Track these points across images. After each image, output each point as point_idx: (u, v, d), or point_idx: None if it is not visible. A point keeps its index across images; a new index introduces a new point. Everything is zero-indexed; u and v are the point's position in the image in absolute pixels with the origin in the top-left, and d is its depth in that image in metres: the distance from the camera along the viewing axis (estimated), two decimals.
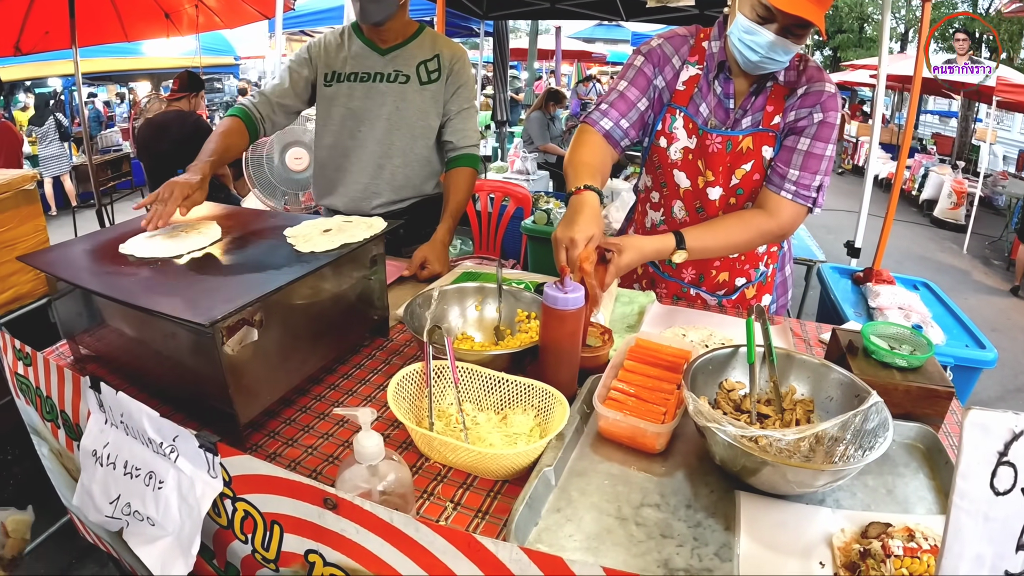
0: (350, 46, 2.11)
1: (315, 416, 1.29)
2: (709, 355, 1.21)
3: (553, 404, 1.14)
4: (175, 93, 5.00)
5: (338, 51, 2.11)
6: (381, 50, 2.10)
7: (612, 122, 1.67)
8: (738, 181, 1.67)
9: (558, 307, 1.15)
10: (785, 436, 1.04)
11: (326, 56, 2.11)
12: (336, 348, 1.43)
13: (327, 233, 1.40)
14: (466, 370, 1.23)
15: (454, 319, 1.51)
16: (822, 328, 1.76)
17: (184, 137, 4.91)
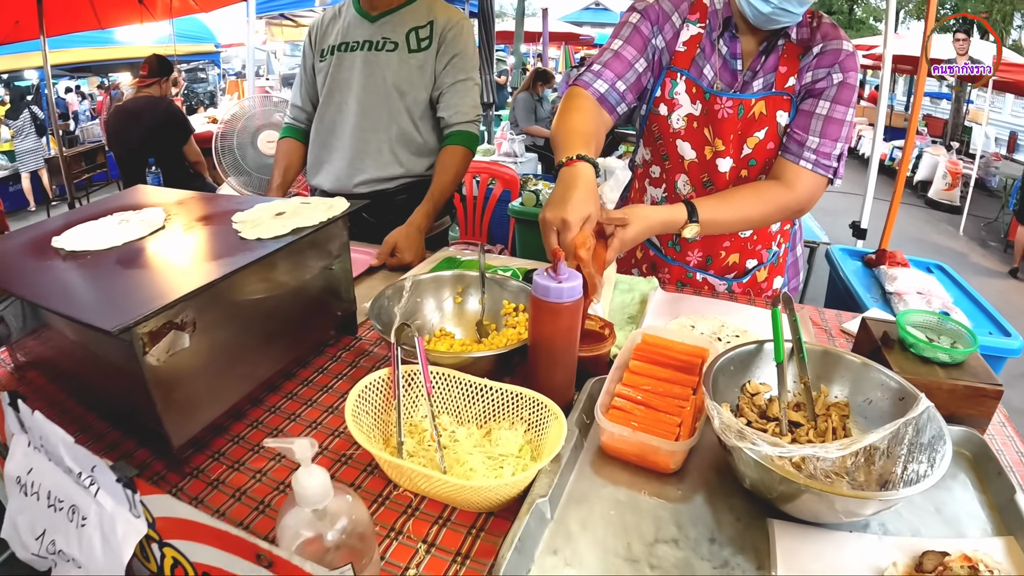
0: (345, 17, 1.99)
1: (268, 432, 1.10)
2: (730, 354, 1.02)
3: (546, 418, 0.94)
4: (145, 79, 4.77)
5: (332, 24, 2.00)
6: (371, 17, 1.94)
7: (607, 84, 1.47)
8: (750, 151, 1.48)
9: (550, 299, 0.96)
10: (828, 453, 0.85)
11: (321, 33, 2.02)
12: (293, 351, 1.24)
13: (279, 217, 1.20)
14: (442, 376, 1.04)
15: (430, 313, 1.32)
16: (843, 316, 1.59)
17: (156, 123, 4.69)
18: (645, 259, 1.76)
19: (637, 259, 1.78)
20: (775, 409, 1.03)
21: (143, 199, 1.42)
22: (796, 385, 1.06)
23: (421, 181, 1.97)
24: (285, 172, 2.07)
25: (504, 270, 1.63)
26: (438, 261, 1.73)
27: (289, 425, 1.12)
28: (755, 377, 1.07)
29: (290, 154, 2.09)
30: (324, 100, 1.98)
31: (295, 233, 1.13)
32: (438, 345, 1.25)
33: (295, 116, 2.12)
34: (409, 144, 1.97)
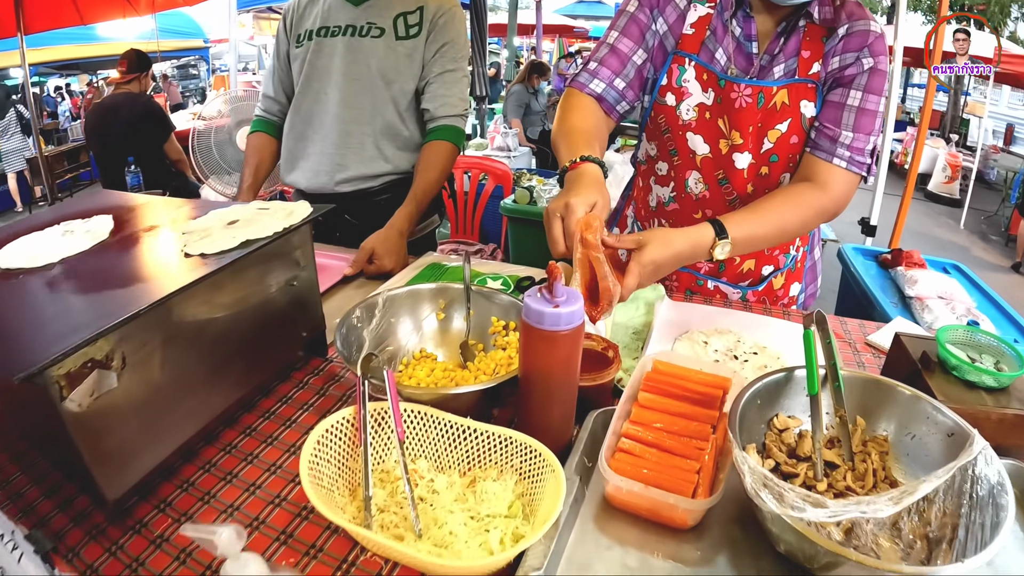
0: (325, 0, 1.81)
1: (222, 478, 0.95)
2: (756, 387, 0.87)
3: (541, 470, 0.79)
4: (124, 75, 4.61)
5: (310, 7, 1.84)
6: (355, 0, 1.77)
7: (604, 83, 1.36)
8: (771, 145, 1.32)
9: (544, 326, 0.80)
10: (880, 511, 0.71)
11: (298, 16, 1.85)
12: (252, 378, 1.08)
13: (231, 227, 1.04)
14: (418, 415, 0.89)
15: (406, 334, 1.16)
16: (867, 327, 1.44)
17: (135, 120, 4.54)
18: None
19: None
20: (806, 447, 0.89)
21: (96, 204, 1.26)
22: (830, 417, 0.91)
23: (407, 179, 1.81)
24: (256, 171, 1.90)
25: (494, 278, 1.48)
26: (421, 268, 1.57)
27: (245, 469, 0.97)
28: (783, 408, 0.92)
29: (262, 150, 1.93)
30: (301, 89, 1.82)
31: (244, 247, 0.97)
32: (417, 370, 1.10)
33: (267, 108, 1.95)
34: (395, 138, 1.81)
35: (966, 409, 0.92)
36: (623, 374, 1.14)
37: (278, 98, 1.93)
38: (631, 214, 1.66)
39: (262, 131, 1.95)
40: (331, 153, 1.79)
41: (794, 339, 1.29)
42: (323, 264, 1.62)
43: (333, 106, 1.77)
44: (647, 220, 1.57)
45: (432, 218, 1.98)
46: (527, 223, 3.26)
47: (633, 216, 1.64)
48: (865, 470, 0.87)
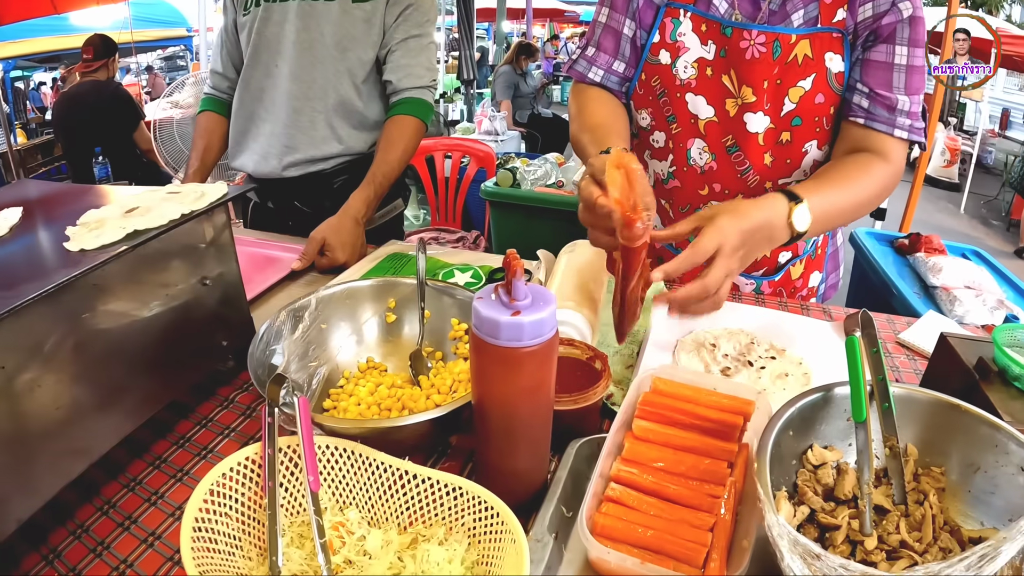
0: None
1: (119, 523, 0.76)
2: (787, 415, 0.66)
3: (499, 533, 0.58)
4: (90, 63, 4.36)
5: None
6: None
7: (602, 70, 1.24)
8: (794, 106, 1.11)
9: (502, 342, 0.58)
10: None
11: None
12: (158, 402, 0.87)
13: (129, 215, 0.83)
14: (344, 455, 0.68)
15: (345, 343, 0.95)
16: (896, 323, 1.24)
17: (103, 107, 4.30)
18: (650, 254, 1.36)
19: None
20: (847, 485, 0.68)
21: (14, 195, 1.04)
22: (876, 445, 0.71)
23: (365, 159, 1.59)
24: (204, 154, 1.69)
25: (463, 269, 1.28)
26: (380, 259, 1.36)
27: (147, 512, 0.78)
28: (820, 437, 0.72)
29: (210, 131, 1.71)
30: (249, 62, 1.60)
31: (131, 239, 0.76)
32: (359, 387, 0.89)
33: (216, 85, 1.73)
34: (350, 115, 1.60)
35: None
36: (614, 388, 0.93)
37: (227, 73, 1.71)
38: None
39: (211, 110, 1.73)
40: (279, 134, 1.58)
41: (816, 339, 1.10)
42: (272, 257, 1.43)
43: (283, 80, 1.56)
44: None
45: (395, 203, 1.76)
46: (511, 208, 3.00)
47: None
48: (922, 517, 0.67)
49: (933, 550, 0.63)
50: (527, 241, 2.80)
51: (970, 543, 0.65)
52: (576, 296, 1.05)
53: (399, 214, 1.79)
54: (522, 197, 2.91)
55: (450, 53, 10.07)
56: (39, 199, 0.99)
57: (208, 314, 0.93)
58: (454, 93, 7.75)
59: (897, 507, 0.68)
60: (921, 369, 1.07)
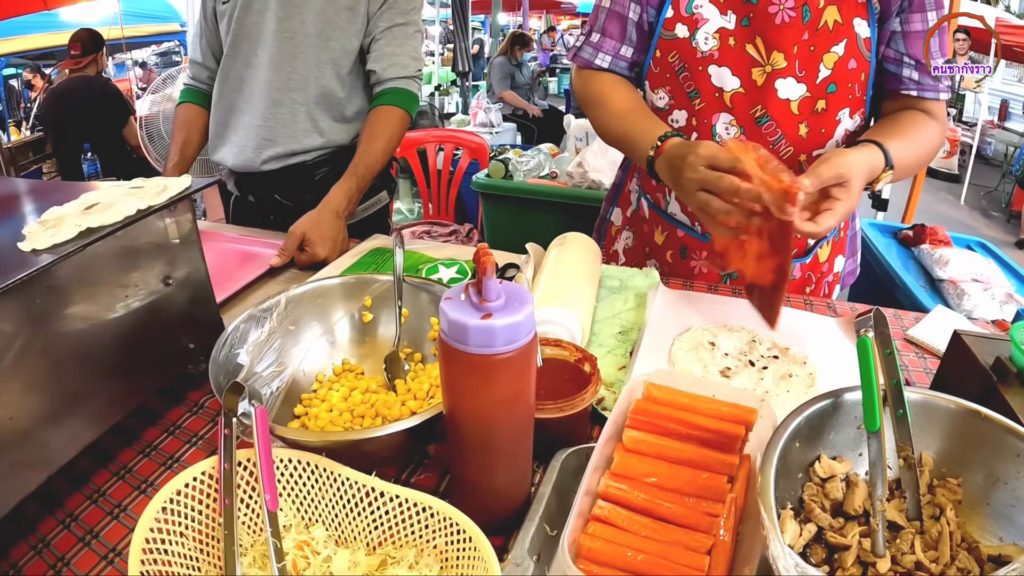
0: None
1: (80, 537, 0.72)
2: (794, 425, 0.60)
3: (471, 559, 0.53)
4: (79, 59, 4.28)
5: None
6: None
7: (610, 55, 1.21)
8: (829, 72, 1.09)
9: (471, 348, 0.52)
10: None
11: None
12: (120, 409, 0.81)
13: (88, 212, 0.77)
14: (308, 469, 0.62)
15: (316, 345, 0.88)
16: (904, 319, 1.18)
17: (91, 103, 4.24)
18: (670, 243, 1.31)
19: (656, 245, 1.33)
20: (857, 500, 0.63)
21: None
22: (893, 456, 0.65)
23: (346, 151, 1.53)
24: (184, 147, 1.62)
25: (448, 264, 1.22)
26: (362, 254, 1.30)
27: (109, 526, 0.73)
28: (828, 447, 0.66)
29: (190, 124, 1.64)
30: (229, 52, 1.54)
31: (84, 237, 0.70)
32: (332, 392, 0.83)
33: (195, 75, 1.67)
34: (332, 107, 1.53)
35: None
36: (606, 391, 0.87)
37: (207, 63, 1.64)
38: (635, 187, 1.39)
39: (190, 102, 1.66)
40: (258, 126, 1.52)
41: (821, 337, 1.05)
42: (252, 253, 1.37)
43: (263, 71, 1.50)
44: (659, 189, 1.30)
45: (379, 196, 1.70)
46: (503, 200, 2.93)
47: (639, 189, 1.37)
48: (939, 534, 0.61)
49: (951, 572, 0.58)
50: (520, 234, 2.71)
51: (990, 562, 0.59)
52: (566, 293, 0.99)
53: (384, 207, 1.73)
54: (515, 189, 2.83)
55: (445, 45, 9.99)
56: (3, 197, 0.93)
57: (174, 315, 0.87)
58: (449, 86, 7.67)
59: (911, 523, 0.62)
60: (931, 368, 1.01)
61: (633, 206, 1.39)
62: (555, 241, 1.18)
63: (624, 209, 1.43)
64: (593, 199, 2.69)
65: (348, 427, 0.77)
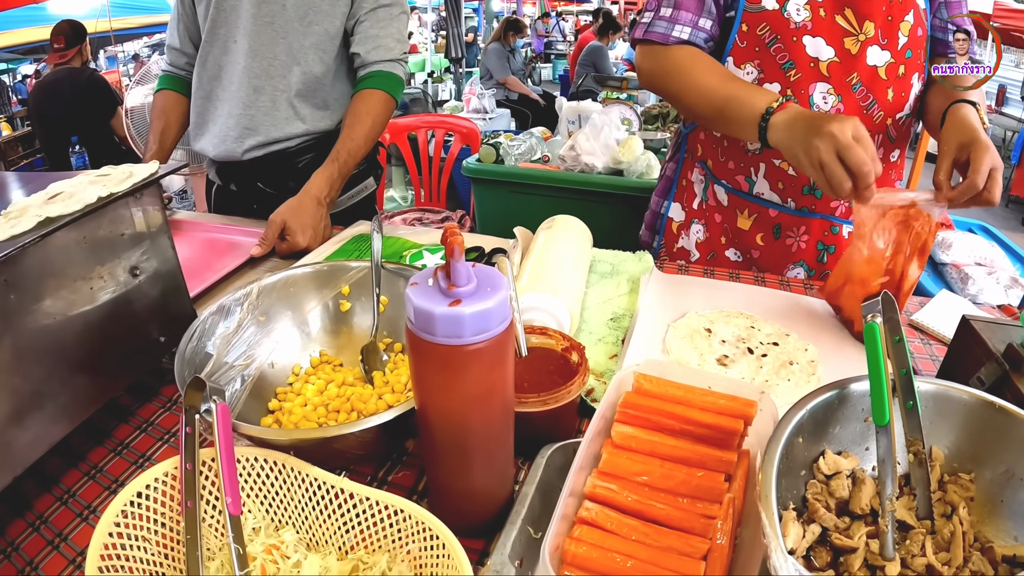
0: None
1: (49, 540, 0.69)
2: (796, 418, 0.56)
3: (444, 567, 0.48)
4: (64, 53, 4.20)
5: None
6: None
7: (689, 27, 1.16)
8: (907, 39, 1.14)
9: (439, 338, 0.47)
10: None
11: None
12: (83, 408, 0.77)
13: (51, 202, 0.73)
14: (275, 468, 0.58)
15: (288, 336, 0.84)
16: (907, 303, 1.13)
17: (78, 95, 4.16)
18: (760, 224, 1.27)
19: (741, 231, 1.29)
20: (863, 498, 0.59)
21: None
22: (903, 452, 0.61)
23: (329, 137, 1.48)
24: (162, 136, 1.56)
25: (433, 250, 1.17)
26: (344, 241, 1.25)
27: (77, 528, 0.71)
28: (833, 442, 0.61)
29: (168, 112, 1.59)
30: (207, 37, 1.48)
31: (41, 227, 0.66)
32: (307, 386, 0.78)
33: (173, 62, 1.61)
34: (314, 94, 1.48)
35: None
36: (595, 382, 0.83)
37: (184, 49, 1.59)
38: (699, 177, 1.34)
39: (168, 89, 1.61)
40: (239, 115, 1.47)
41: (824, 322, 1.01)
42: (234, 242, 1.34)
43: (242, 57, 1.44)
44: (739, 171, 1.26)
45: (365, 183, 1.65)
46: (494, 184, 2.87)
47: (705, 178, 1.33)
48: (951, 534, 0.57)
49: (963, 574, 0.54)
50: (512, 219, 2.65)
51: (1004, 563, 0.55)
52: (552, 278, 0.94)
53: (371, 195, 1.68)
54: (506, 173, 2.76)
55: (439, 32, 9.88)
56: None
57: (143, 308, 0.83)
58: (443, 72, 7.59)
59: (922, 523, 0.58)
60: (937, 355, 0.98)
61: (699, 197, 1.36)
62: (543, 224, 1.14)
63: (686, 202, 1.39)
64: (585, 183, 2.65)
65: (323, 422, 0.73)
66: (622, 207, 2.54)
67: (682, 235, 1.39)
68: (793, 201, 1.23)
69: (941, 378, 0.84)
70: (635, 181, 2.54)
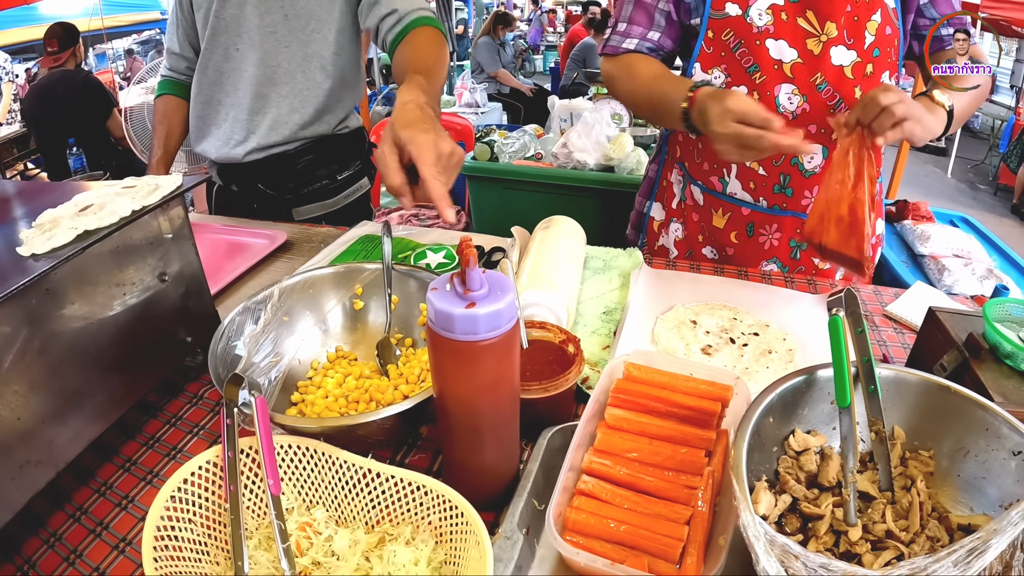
0: None
1: (91, 529, 0.74)
2: (768, 400, 0.63)
3: (464, 534, 0.56)
4: (57, 56, 4.22)
5: None
6: None
7: (636, 39, 1.28)
8: (873, 38, 1.18)
9: (457, 335, 0.55)
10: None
11: None
12: (122, 404, 0.83)
13: (83, 214, 0.79)
14: (307, 454, 0.65)
15: (310, 334, 0.91)
16: (883, 295, 1.21)
17: (73, 97, 4.19)
18: (734, 223, 1.33)
19: (716, 229, 1.35)
20: (831, 471, 0.66)
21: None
22: (861, 428, 0.68)
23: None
24: (166, 140, 1.62)
25: (436, 249, 1.24)
26: (352, 242, 1.31)
27: (118, 517, 0.76)
28: (802, 422, 0.69)
29: (170, 116, 1.63)
30: (207, 45, 1.52)
31: (81, 240, 0.72)
32: (327, 378, 0.85)
33: (173, 66, 1.65)
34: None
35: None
36: (590, 371, 0.90)
37: (184, 53, 1.63)
38: (678, 178, 1.40)
39: (170, 93, 1.65)
40: (242, 120, 1.51)
41: (802, 313, 1.08)
42: (240, 243, 1.38)
43: (245, 64, 1.49)
44: (713, 172, 1.31)
45: (360, 182, 1.69)
46: (489, 182, 2.93)
47: (683, 179, 1.38)
48: (909, 504, 0.64)
49: (920, 540, 0.61)
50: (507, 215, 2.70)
51: (959, 531, 0.63)
52: (550, 276, 1.01)
53: (366, 193, 1.73)
54: (500, 171, 2.83)
55: None
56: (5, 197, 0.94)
57: (170, 310, 0.89)
58: None
59: (883, 494, 0.66)
60: (909, 343, 1.04)
61: (678, 197, 1.41)
62: (540, 224, 1.21)
63: (666, 202, 1.44)
64: (578, 180, 2.71)
65: (344, 412, 0.80)
66: (613, 202, 2.60)
67: (662, 233, 1.45)
68: (765, 200, 1.28)
69: (910, 365, 0.92)
70: (625, 177, 2.60)
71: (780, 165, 1.23)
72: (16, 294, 0.64)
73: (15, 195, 0.95)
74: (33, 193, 0.94)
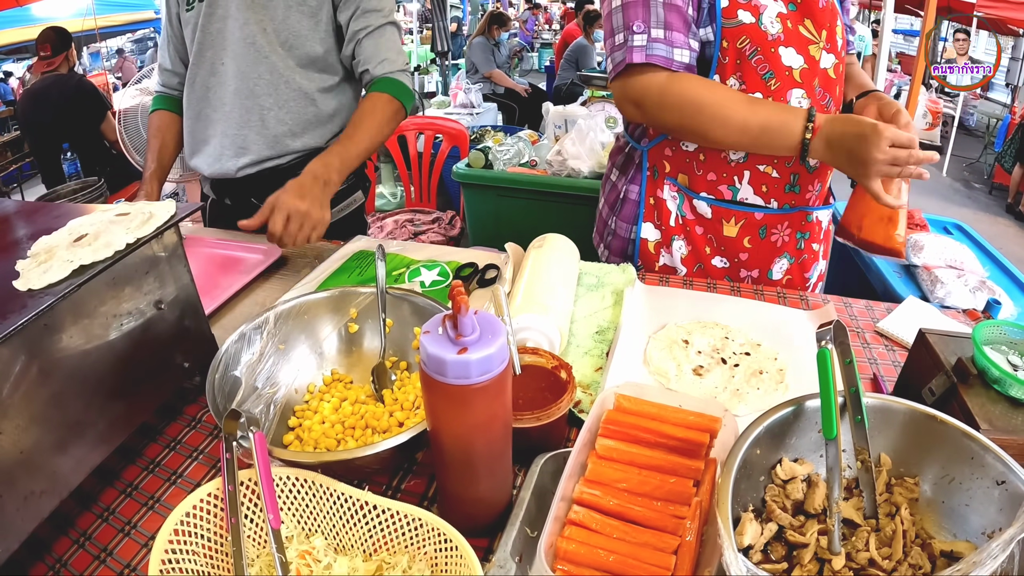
0: None
1: (96, 556, 0.75)
2: (756, 433, 0.65)
3: (458, 566, 0.57)
4: (51, 60, 4.22)
5: None
6: None
7: (686, 49, 1.18)
8: (841, 40, 1.29)
9: (449, 379, 0.56)
10: None
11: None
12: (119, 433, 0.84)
13: (77, 244, 0.79)
14: (305, 486, 0.66)
15: (306, 360, 0.92)
16: (875, 310, 1.23)
17: (67, 101, 4.18)
18: (747, 229, 1.33)
19: (727, 239, 1.34)
20: (817, 499, 0.67)
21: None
22: (848, 456, 0.70)
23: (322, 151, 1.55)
24: (160, 155, 1.63)
25: (429, 266, 1.25)
26: (346, 258, 1.32)
27: (122, 543, 0.77)
28: (789, 451, 0.70)
29: (164, 131, 1.65)
30: (194, 59, 1.54)
31: (77, 275, 0.73)
32: (323, 403, 0.87)
33: (166, 82, 1.67)
34: (302, 112, 1.54)
35: (1013, 440, 0.71)
36: (582, 394, 0.92)
37: (176, 69, 1.65)
38: (672, 194, 1.35)
39: (163, 109, 1.67)
40: (233, 135, 1.52)
41: (791, 330, 1.10)
42: (234, 257, 1.40)
43: (230, 79, 1.50)
44: (722, 182, 1.30)
45: (354, 196, 1.70)
46: (484, 189, 2.94)
47: (680, 194, 1.35)
48: (893, 532, 0.66)
49: (903, 567, 0.62)
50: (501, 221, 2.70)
51: (942, 557, 0.64)
52: (543, 299, 1.02)
53: (360, 207, 1.74)
54: (494, 178, 2.83)
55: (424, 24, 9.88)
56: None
57: (166, 336, 0.89)
58: (429, 64, 7.60)
59: (867, 521, 0.67)
60: (900, 361, 1.05)
61: (675, 213, 1.36)
62: (534, 243, 1.22)
63: (661, 221, 1.37)
64: (572, 187, 2.72)
65: (340, 439, 0.81)
66: None
67: (662, 253, 1.39)
68: (776, 201, 1.29)
69: (900, 386, 0.94)
70: None
71: (792, 165, 1.26)
72: (16, 331, 0.64)
73: (9, 216, 0.94)
74: (27, 215, 0.94)
